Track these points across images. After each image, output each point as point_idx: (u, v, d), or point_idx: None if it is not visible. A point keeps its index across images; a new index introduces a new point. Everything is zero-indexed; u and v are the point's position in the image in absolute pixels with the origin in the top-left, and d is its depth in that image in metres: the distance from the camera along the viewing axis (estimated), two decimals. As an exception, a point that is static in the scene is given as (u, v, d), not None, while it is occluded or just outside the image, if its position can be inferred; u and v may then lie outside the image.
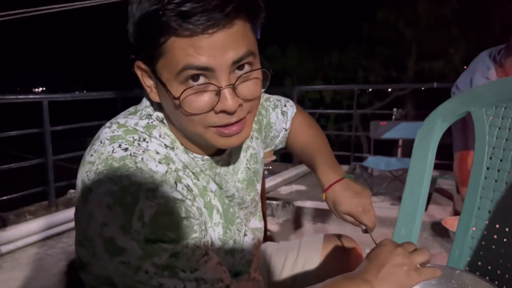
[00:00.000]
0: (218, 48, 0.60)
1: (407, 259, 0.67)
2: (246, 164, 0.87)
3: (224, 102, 0.63)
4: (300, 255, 1.07)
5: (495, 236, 0.97)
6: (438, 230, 3.05)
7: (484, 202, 1.00)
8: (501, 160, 0.99)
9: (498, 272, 0.94)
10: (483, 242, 1.00)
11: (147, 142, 0.68)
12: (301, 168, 5.32)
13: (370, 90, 10.34)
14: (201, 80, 0.62)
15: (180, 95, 0.62)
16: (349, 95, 9.83)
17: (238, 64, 0.63)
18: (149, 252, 0.61)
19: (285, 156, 6.53)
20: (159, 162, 0.66)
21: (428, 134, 1.11)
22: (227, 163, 0.82)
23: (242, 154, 0.87)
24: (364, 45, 10.34)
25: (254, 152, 0.90)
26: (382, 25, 9.80)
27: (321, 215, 3.65)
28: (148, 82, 0.69)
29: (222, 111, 0.64)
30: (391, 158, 4.27)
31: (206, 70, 0.61)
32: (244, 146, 0.88)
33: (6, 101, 3.94)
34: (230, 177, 0.82)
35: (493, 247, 0.97)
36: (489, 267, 0.97)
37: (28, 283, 2.61)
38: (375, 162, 4.07)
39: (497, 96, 1.00)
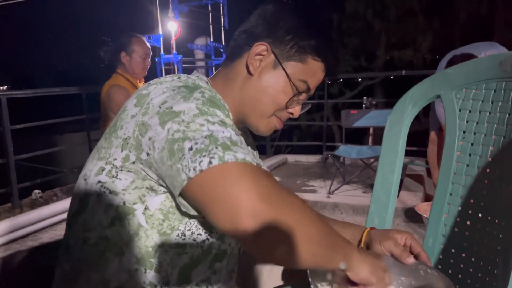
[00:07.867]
0: (319, 83, 0.91)
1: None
2: None
3: (296, 109, 0.89)
4: None
5: (468, 223, 0.95)
6: (411, 216, 3.07)
7: (456, 188, 0.98)
8: (472, 144, 0.96)
9: (473, 259, 0.92)
10: (456, 229, 0.97)
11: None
12: (275, 160, 5.29)
13: (340, 80, 10.41)
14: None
15: (297, 92, 0.85)
16: (320, 86, 9.82)
17: None
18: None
19: (258, 148, 6.48)
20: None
21: (399, 119, 1.08)
22: None
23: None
24: (333, 36, 10.36)
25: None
26: (351, 16, 9.87)
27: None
28: (257, 62, 0.84)
29: (290, 113, 0.89)
30: (362, 146, 4.28)
31: (309, 89, 0.88)
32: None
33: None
34: None
35: (467, 233, 0.95)
36: (463, 254, 0.95)
37: (-10, 290, 2.48)
38: (347, 151, 4.07)
39: (467, 78, 0.98)
